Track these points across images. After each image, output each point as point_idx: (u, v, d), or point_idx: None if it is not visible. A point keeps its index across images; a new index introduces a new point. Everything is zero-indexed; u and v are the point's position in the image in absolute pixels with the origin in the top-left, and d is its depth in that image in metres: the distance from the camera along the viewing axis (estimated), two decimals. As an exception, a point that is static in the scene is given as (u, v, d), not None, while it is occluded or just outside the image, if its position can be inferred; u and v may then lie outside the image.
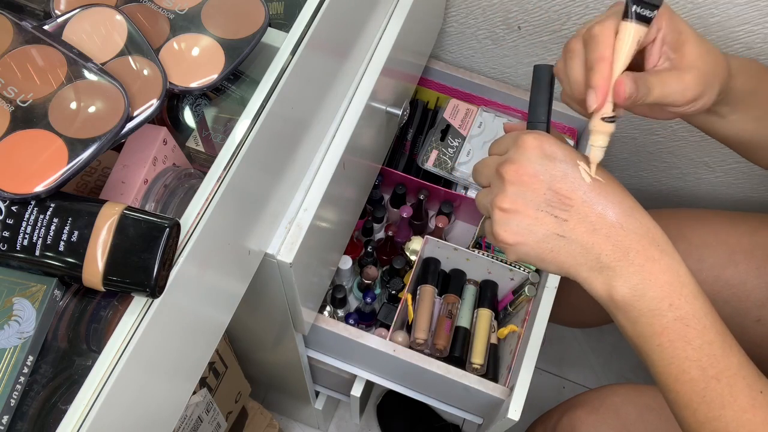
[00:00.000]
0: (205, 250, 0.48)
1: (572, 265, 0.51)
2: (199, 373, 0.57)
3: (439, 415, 1.30)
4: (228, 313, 0.58)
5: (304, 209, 0.63)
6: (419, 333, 0.87)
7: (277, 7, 0.58)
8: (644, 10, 0.49)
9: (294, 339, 0.83)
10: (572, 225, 0.50)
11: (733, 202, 1.06)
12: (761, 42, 0.79)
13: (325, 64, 0.60)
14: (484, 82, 1.00)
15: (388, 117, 0.78)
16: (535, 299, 0.85)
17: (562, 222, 0.50)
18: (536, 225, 0.50)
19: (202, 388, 0.84)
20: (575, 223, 0.50)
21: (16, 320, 0.44)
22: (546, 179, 0.50)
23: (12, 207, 0.43)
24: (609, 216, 0.50)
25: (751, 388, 0.49)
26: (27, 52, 0.48)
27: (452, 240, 1.00)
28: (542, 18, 0.88)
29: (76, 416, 0.40)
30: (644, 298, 0.49)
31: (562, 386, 1.37)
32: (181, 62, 0.52)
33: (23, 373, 0.43)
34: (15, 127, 0.45)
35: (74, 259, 0.43)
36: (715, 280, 0.80)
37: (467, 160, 0.96)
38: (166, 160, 0.52)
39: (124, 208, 0.43)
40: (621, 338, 0.52)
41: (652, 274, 0.49)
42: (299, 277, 0.65)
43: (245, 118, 0.50)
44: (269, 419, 1.09)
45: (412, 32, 0.78)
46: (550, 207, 0.50)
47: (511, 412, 0.75)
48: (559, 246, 0.50)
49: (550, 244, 0.51)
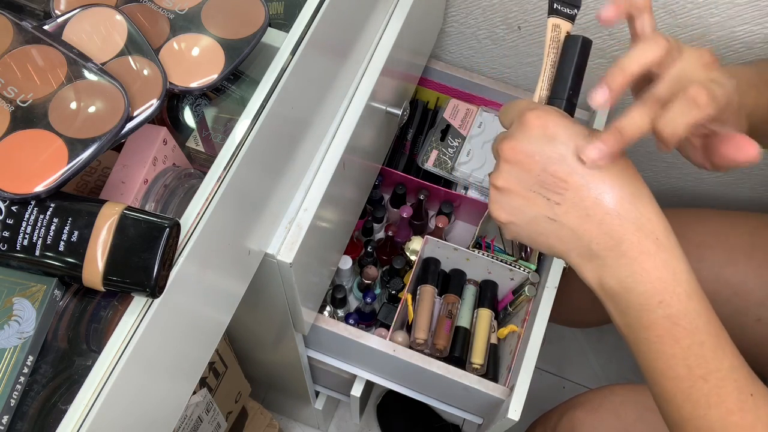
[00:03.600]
0: (205, 250, 0.48)
1: (562, 250, 0.50)
2: (199, 373, 0.57)
3: (439, 415, 1.30)
4: (228, 313, 0.58)
5: (304, 209, 0.63)
6: (419, 333, 0.87)
7: (277, 7, 0.58)
8: (564, 8, 0.51)
9: (294, 339, 0.83)
10: (564, 209, 0.48)
11: (733, 202, 1.06)
12: (761, 42, 0.79)
13: (325, 64, 0.60)
14: (484, 82, 1.00)
15: (388, 117, 0.78)
16: (535, 299, 0.85)
17: (555, 205, 0.49)
18: (527, 206, 0.49)
19: (202, 388, 0.84)
20: (568, 207, 0.48)
21: (16, 320, 0.44)
22: (541, 160, 0.48)
23: (12, 207, 0.43)
24: (606, 201, 0.47)
25: (740, 391, 0.47)
26: (27, 52, 0.48)
27: (452, 240, 1.00)
28: (542, 18, 0.88)
29: (76, 416, 0.40)
30: (633, 292, 0.48)
31: (562, 386, 1.37)
32: (181, 62, 0.52)
33: (23, 373, 0.43)
34: (15, 127, 0.45)
35: (74, 259, 0.43)
36: (715, 280, 0.80)
37: (467, 160, 0.96)
38: (166, 160, 0.52)
39: (124, 208, 0.43)
40: (621, 338, 0.52)
41: (645, 269, 0.47)
42: (299, 277, 0.65)
43: (245, 118, 0.50)
44: (269, 419, 1.09)
45: (412, 32, 0.78)
46: (543, 189, 0.49)
47: (511, 412, 0.75)
48: (550, 229, 0.49)
49: (540, 227, 0.50)
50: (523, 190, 0.49)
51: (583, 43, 0.52)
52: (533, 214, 0.49)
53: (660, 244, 0.47)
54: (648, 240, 0.47)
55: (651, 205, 0.48)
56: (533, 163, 0.48)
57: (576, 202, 0.48)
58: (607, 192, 0.47)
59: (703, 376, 0.47)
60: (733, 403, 0.47)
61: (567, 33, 0.53)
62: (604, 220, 0.47)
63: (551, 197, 0.48)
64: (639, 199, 0.48)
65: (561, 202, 0.48)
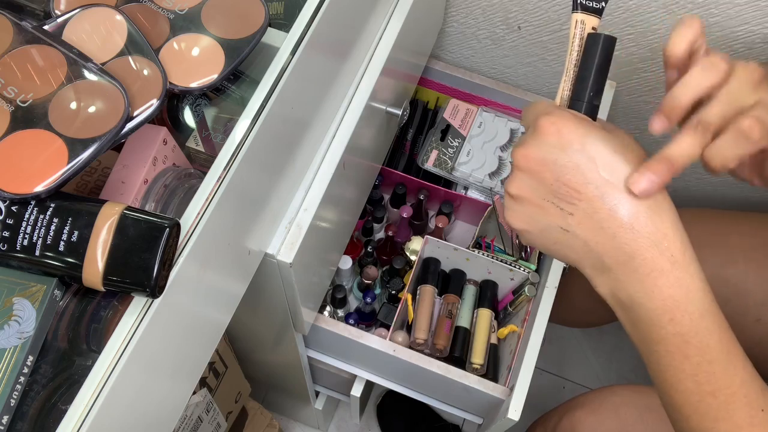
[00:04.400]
0: (205, 250, 0.48)
1: (575, 259, 0.49)
2: (199, 373, 0.57)
3: (439, 415, 1.30)
4: (228, 313, 0.58)
5: (304, 209, 0.63)
6: (419, 333, 0.87)
7: (277, 7, 0.58)
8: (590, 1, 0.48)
9: (294, 339, 0.83)
10: (578, 220, 0.47)
11: (733, 202, 1.06)
12: (761, 42, 0.79)
13: (325, 64, 0.60)
14: (484, 82, 1.00)
15: (388, 117, 0.78)
16: (535, 299, 0.85)
17: (568, 215, 0.47)
18: (540, 215, 0.48)
19: (202, 388, 0.84)
20: (581, 218, 0.47)
21: (16, 320, 0.43)
22: (555, 169, 0.46)
23: (12, 207, 0.43)
24: (621, 214, 0.45)
25: (751, 407, 0.46)
26: (27, 52, 0.48)
27: (452, 240, 1.00)
28: (542, 18, 0.88)
29: (76, 416, 0.40)
30: (643, 308, 0.46)
31: (562, 386, 1.37)
32: (181, 62, 0.52)
33: (23, 373, 0.43)
34: (15, 127, 0.45)
35: (74, 259, 0.43)
36: (715, 280, 0.79)
37: (467, 160, 0.96)
38: (166, 160, 0.52)
39: (124, 208, 0.43)
40: (621, 338, 0.52)
41: (657, 286, 0.45)
42: (299, 277, 0.65)
43: (245, 118, 0.50)
44: (269, 419, 1.09)
45: (412, 32, 0.78)
46: (556, 198, 0.47)
47: (511, 412, 0.75)
48: (563, 239, 0.48)
49: (553, 236, 0.49)
50: (537, 198, 0.48)
51: (605, 41, 0.49)
52: (546, 223, 0.48)
53: (675, 262, 0.45)
54: (662, 257, 0.45)
55: (669, 220, 0.46)
56: (546, 171, 0.47)
57: (590, 214, 0.46)
58: (622, 204, 0.45)
59: (712, 392, 0.46)
60: (742, 418, 0.46)
61: (593, 28, 0.50)
62: (618, 234, 0.46)
63: (564, 207, 0.47)
64: (656, 213, 0.45)
65: (574, 212, 0.47)
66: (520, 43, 0.94)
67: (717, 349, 0.46)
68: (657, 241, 0.45)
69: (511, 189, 0.49)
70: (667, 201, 0.46)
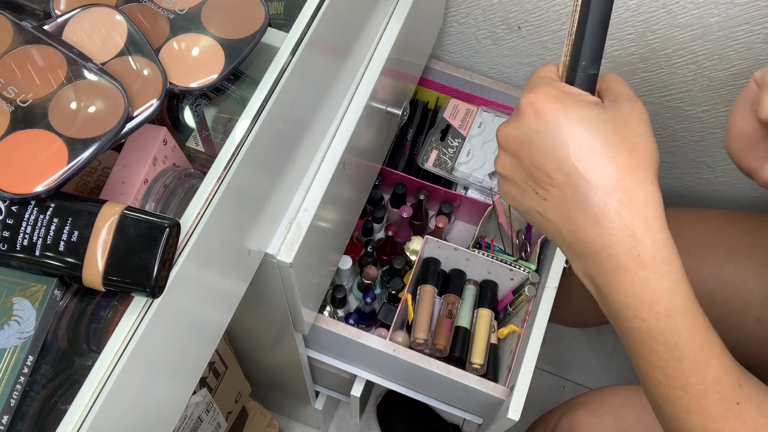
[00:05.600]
0: (205, 250, 0.48)
1: (555, 241, 0.48)
2: (199, 373, 0.57)
3: (439, 415, 1.30)
4: (228, 313, 0.58)
5: (304, 209, 0.63)
6: (419, 333, 0.87)
7: (277, 7, 0.58)
8: None
9: (294, 339, 0.83)
10: (550, 206, 0.45)
11: (733, 202, 1.06)
12: (761, 42, 0.79)
13: (325, 64, 0.60)
14: (484, 82, 1.00)
15: (388, 117, 0.78)
16: (535, 299, 0.85)
17: (542, 200, 0.46)
18: (522, 196, 0.48)
19: (202, 388, 0.84)
20: (553, 205, 0.45)
21: (16, 320, 0.43)
22: (531, 152, 0.45)
23: (12, 207, 0.43)
24: (588, 206, 0.43)
25: (725, 401, 0.45)
26: (27, 52, 0.48)
27: (452, 240, 1.00)
28: (542, 18, 0.88)
29: (76, 416, 0.40)
30: (609, 299, 0.45)
31: (562, 386, 1.37)
32: (181, 62, 0.52)
33: (23, 373, 0.43)
34: (15, 127, 0.45)
35: (74, 259, 0.43)
36: (715, 280, 0.80)
37: (467, 160, 0.96)
38: (166, 160, 0.52)
39: (124, 208, 0.43)
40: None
41: (621, 283, 0.44)
42: (299, 277, 0.65)
43: (245, 118, 0.50)
44: (269, 419, 1.09)
45: (412, 32, 0.78)
46: (532, 181, 0.46)
47: (511, 412, 0.75)
48: (540, 222, 0.48)
49: (533, 218, 0.48)
50: (517, 179, 0.47)
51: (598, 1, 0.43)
52: (527, 205, 0.48)
53: (641, 262, 0.43)
54: (627, 257, 0.43)
55: (641, 218, 0.43)
56: (523, 153, 0.45)
57: (559, 202, 0.45)
58: (591, 196, 0.43)
59: (683, 386, 0.45)
60: (715, 411, 0.45)
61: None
62: (584, 227, 0.44)
63: (539, 192, 0.46)
64: (627, 209, 0.43)
65: (547, 198, 0.45)
66: (520, 43, 0.94)
67: (687, 347, 0.44)
68: (623, 238, 0.43)
69: (498, 167, 0.49)
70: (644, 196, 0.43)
